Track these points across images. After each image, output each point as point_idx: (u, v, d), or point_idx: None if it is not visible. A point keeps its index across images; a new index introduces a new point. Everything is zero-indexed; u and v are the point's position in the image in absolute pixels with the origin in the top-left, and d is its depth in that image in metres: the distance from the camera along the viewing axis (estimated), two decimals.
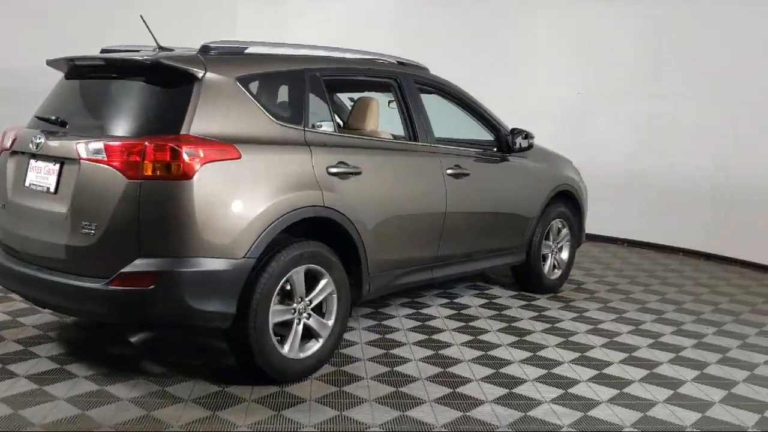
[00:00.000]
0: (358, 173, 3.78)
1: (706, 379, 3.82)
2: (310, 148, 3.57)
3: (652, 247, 7.64)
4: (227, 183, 3.18)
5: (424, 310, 4.86)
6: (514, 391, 3.55)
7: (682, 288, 5.93)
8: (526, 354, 4.09)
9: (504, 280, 5.77)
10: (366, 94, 4.70)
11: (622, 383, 3.71)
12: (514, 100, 7.18)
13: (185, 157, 3.04)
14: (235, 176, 3.21)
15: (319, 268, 3.56)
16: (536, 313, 4.94)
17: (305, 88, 3.70)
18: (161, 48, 3.60)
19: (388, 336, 4.29)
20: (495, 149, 5.02)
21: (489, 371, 3.79)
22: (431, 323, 4.58)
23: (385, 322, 4.55)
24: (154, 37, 3.64)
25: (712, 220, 7.13)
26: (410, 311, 4.82)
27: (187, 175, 3.05)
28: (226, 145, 3.19)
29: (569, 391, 3.58)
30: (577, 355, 4.11)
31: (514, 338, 4.36)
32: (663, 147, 7.36)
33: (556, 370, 3.85)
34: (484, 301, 5.20)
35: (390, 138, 4.41)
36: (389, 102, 5.61)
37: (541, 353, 4.11)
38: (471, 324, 4.61)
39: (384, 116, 4.55)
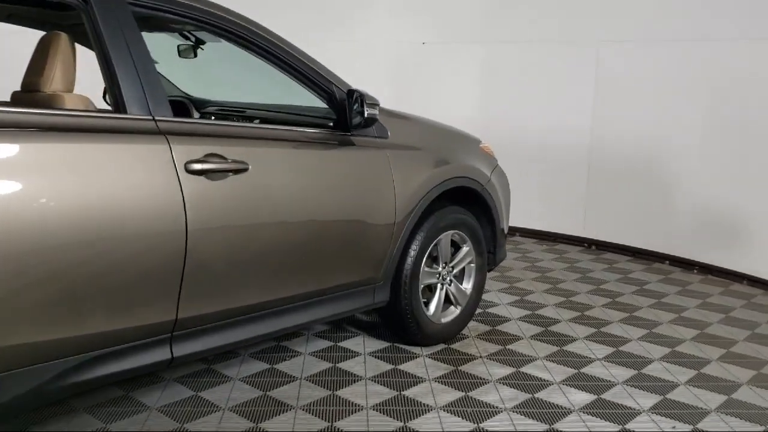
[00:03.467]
0: None
1: None
2: None
3: (628, 251, 5.65)
4: None
5: (214, 390, 2.97)
6: None
7: (654, 327, 3.95)
8: None
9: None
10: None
11: None
12: (347, 52, 5.93)
13: None
14: None
15: None
16: (394, 393, 3.01)
17: None
18: None
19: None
20: (331, 125, 3.08)
21: None
22: (206, 418, 2.69)
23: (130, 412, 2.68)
24: None
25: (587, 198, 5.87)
26: (186, 395, 2.94)
27: None
28: None
29: None
30: None
31: None
32: (524, 101, 6.11)
33: None
34: (326, 366, 3.29)
35: (82, 108, 2.46)
36: (180, 48, 3.69)
37: None
38: (271, 419, 2.71)
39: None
